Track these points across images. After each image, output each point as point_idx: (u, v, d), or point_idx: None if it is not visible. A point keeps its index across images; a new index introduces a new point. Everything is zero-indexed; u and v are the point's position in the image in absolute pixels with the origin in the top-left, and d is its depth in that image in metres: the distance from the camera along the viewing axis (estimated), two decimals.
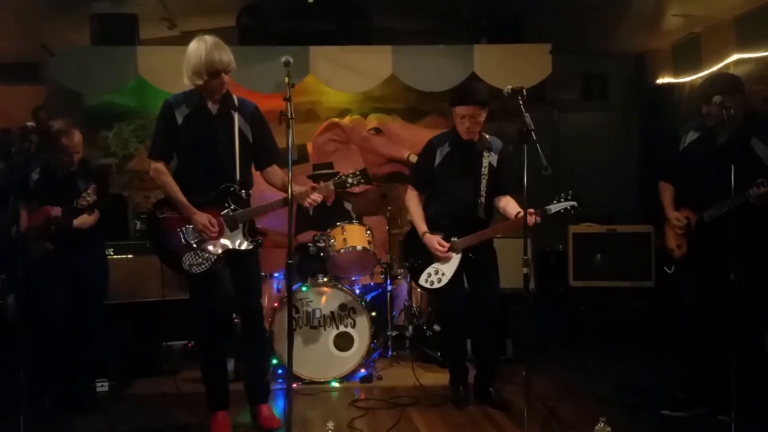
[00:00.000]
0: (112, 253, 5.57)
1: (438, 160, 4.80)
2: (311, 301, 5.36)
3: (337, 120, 7.55)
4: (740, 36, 5.96)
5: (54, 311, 4.69)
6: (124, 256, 5.64)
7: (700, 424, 4.33)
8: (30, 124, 4.47)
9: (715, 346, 4.30)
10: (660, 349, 5.72)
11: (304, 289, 5.38)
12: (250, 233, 4.19)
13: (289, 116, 3.55)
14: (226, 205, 4.10)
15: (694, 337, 4.49)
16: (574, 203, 4.27)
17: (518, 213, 4.45)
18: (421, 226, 4.78)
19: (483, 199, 4.68)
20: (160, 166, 4.14)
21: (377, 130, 7.57)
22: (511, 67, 6.57)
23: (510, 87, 3.95)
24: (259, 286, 4.52)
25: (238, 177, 4.11)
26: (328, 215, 5.89)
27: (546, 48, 6.66)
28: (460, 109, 4.61)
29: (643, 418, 4.46)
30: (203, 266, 4.09)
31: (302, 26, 6.98)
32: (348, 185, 4.14)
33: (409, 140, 7.48)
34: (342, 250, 5.43)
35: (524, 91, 3.90)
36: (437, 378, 5.24)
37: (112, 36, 6.42)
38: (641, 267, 6.37)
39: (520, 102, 3.85)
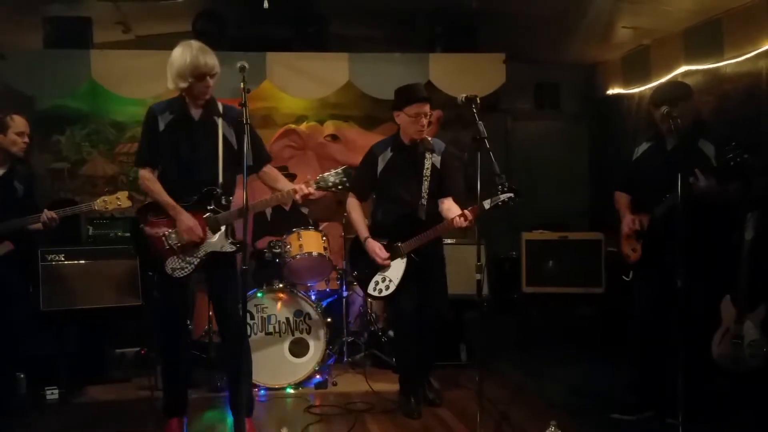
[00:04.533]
0: (63, 259, 5.49)
1: (381, 166, 4.82)
2: (266, 307, 5.34)
3: (293, 126, 7.53)
4: (688, 48, 6.11)
5: None
6: (75, 262, 5.55)
7: (649, 427, 4.41)
8: None
9: (663, 351, 4.38)
10: (610, 354, 5.84)
11: (259, 295, 5.35)
12: (231, 235, 4.12)
13: (245, 122, 3.57)
14: (209, 207, 4.05)
15: (643, 341, 4.57)
16: (511, 194, 4.17)
17: (459, 215, 4.44)
18: (363, 232, 4.77)
19: (425, 201, 4.68)
20: (146, 173, 4.10)
21: (334, 137, 7.57)
22: (466, 75, 6.63)
23: (464, 95, 4.01)
24: (237, 291, 4.39)
25: (220, 181, 4.05)
26: (287, 220, 5.90)
27: (500, 57, 6.73)
28: (413, 108, 4.61)
29: (593, 422, 4.54)
30: (186, 270, 4.05)
31: (258, 32, 6.95)
32: (329, 185, 4.05)
33: (366, 147, 7.35)
34: (298, 256, 5.43)
35: (478, 99, 3.97)
36: (392, 384, 5.25)
37: (66, 39, 6.30)
38: (592, 273, 6.49)
39: (474, 110, 3.92)
